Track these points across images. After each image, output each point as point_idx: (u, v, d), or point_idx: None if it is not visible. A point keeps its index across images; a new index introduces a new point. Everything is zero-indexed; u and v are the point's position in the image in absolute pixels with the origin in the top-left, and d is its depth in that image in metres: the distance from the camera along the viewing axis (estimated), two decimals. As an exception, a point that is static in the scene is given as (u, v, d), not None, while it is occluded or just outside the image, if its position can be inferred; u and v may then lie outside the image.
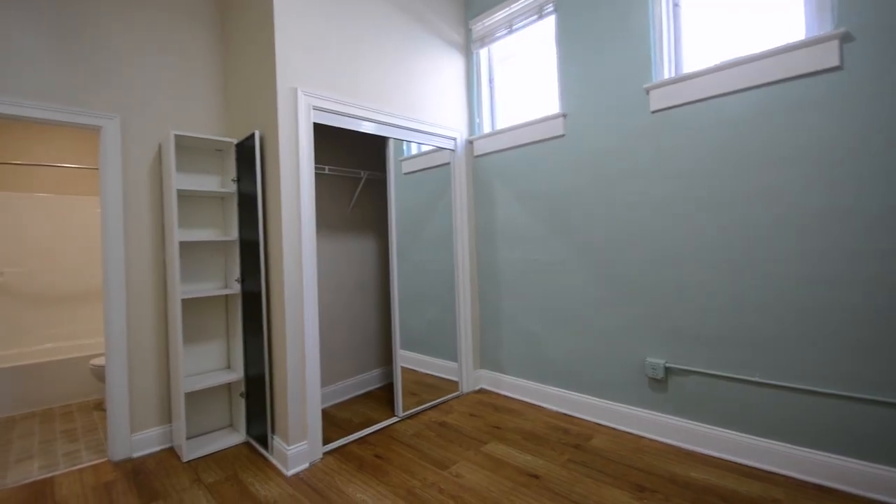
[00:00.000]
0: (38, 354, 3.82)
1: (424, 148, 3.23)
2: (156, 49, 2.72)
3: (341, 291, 3.36)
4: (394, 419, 2.88)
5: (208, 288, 2.84)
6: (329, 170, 2.98)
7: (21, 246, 3.88)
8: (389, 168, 2.93)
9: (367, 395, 3.38)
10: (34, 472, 2.43)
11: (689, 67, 2.45)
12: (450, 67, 3.35)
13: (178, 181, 2.68)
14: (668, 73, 2.46)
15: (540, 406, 3.02)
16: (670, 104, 2.37)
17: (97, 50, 2.53)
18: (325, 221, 3.26)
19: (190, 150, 2.79)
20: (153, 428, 2.65)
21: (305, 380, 2.38)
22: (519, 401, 3.14)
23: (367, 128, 2.77)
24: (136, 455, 2.56)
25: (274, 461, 2.40)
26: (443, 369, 3.33)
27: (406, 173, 3.18)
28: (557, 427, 2.70)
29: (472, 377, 3.39)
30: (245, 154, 2.62)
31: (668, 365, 2.44)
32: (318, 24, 2.53)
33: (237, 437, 2.72)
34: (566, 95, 2.86)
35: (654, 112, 2.45)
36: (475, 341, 3.44)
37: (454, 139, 3.35)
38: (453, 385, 3.31)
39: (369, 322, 3.56)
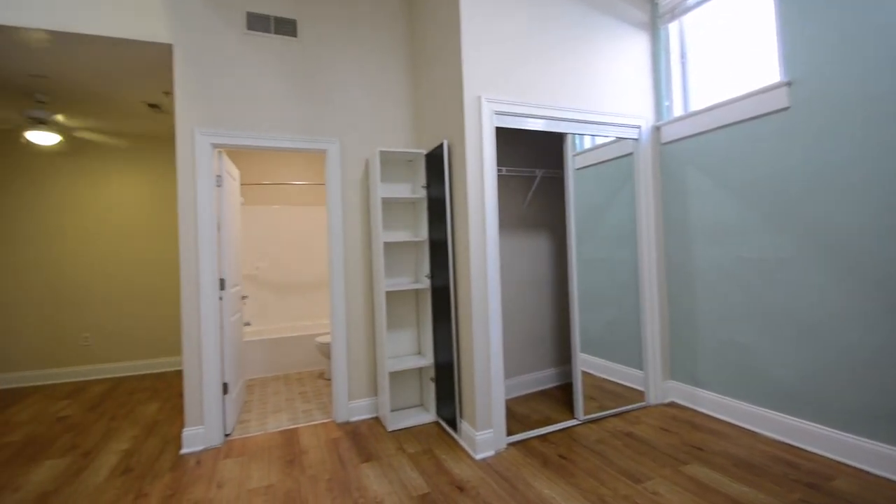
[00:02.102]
0: (278, 331, 4.91)
1: (598, 140, 3.07)
2: (362, 82, 3.21)
3: (516, 288, 3.43)
4: (574, 422, 2.81)
5: (402, 283, 3.23)
6: (506, 171, 3.08)
7: (268, 247, 5.03)
8: (567, 164, 2.86)
9: (542, 394, 3.38)
10: (284, 422, 3.11)
11: None
12: (632, 49, 3.10)
13: (382, 190, 3.11)
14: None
15: (753, 431, 2.56)
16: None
17: (323, 89, 3.11)
18: (501, 220, 3.38)
19: (387, 163, 3.21)
20: (364, 399, 3.13)
21: (491, 370, 2.50)
22: (722, 421, 2.72)
23: (545, 126, 2.76)
24: (352, 419, 3.07)
25: (462, 443, 2.59)
26: (624, 376, 3.11)
27: (579, 168, 3.07)
28: (780, 459, 2.25)
29: (661, 388, 3.08)
30: (433, 162, 2.88)
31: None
32: (497, 34, 2.63)
33: (427, 416, 3.02)
34: (792, 60, 2.35)
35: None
36: (664, 349, 3.11)
37: (637, 127, 3.09)
38: (637, 394, 3.06)
39: (544, 320, 3.55)
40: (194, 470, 2.45)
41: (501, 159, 3.29)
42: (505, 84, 2.63)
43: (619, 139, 3.07)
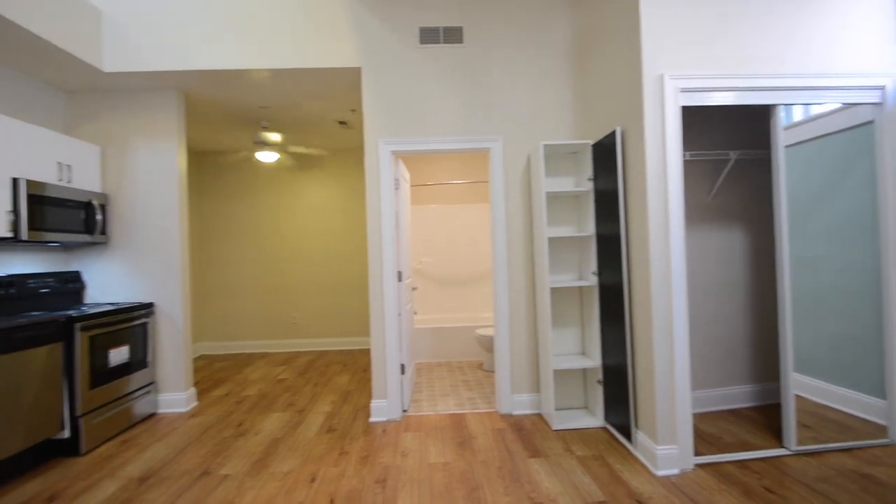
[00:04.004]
0: (440, 321, 5.27)
1: (814, 109, 2.47)
2: (524, 79, 3.20)
3: (700, 291, 3.02)
4: (782, 451, 2.35)
5: (566, 279, 3.14)
6: (689, 155, 2.72)
7: (431, 243, 5.43)
8: (776, 142, 2.39)
9: (734, 413, 2.91)
10: (451, 406, 3.33)
11: None
12: (872, -10, 2.42)
13: (546, 184, 3.06)
14: None
15: None
16: None
17: (486, 90, 3.20)
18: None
19: (549, 157, 3.15)
20: (525, 393, 3.15)
21: (675, 381, 2.25)
22: None
23: (741, 99, 2.35)
24: (514, 413, 3.12)
25: (638, 455, 2.40)
26: (853, 404, 2.47)
27: (788, 146, 2.52)
28: None
29: (915, 425, 2.36)
30: (601, 153, 2.72)
31: None
32: (680, 5, 2.33)
33: (593, 420, 2.88)
34: None
35: None
36: (919, 374, 2.38)
37: (880, 88, 2.41)
38: (874, 428, 2.41)
39: (735, 330, 3.05)
40: (381, 437, 2.79)
41: (684, 143, 2.92)
42: (691, 56, 2.32)
43: (848, 105, 2.44)
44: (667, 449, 2.23)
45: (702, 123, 3.03)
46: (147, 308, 3.31)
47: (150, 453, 2.67)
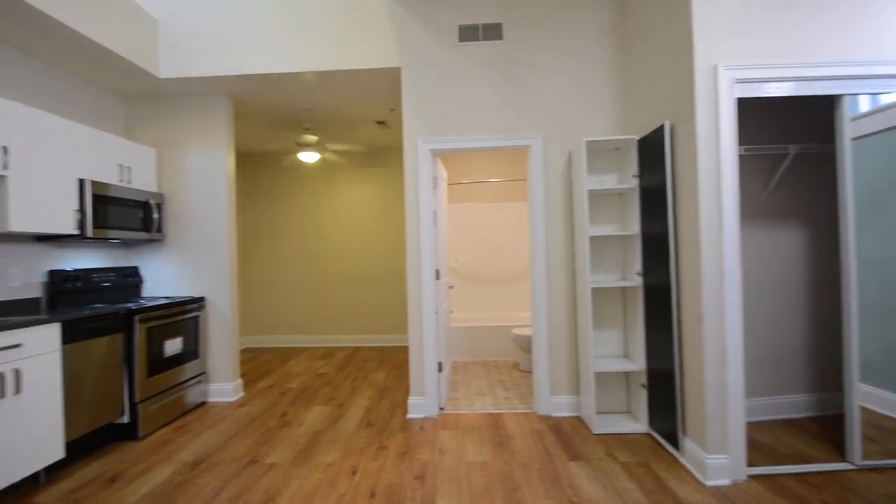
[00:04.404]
0: (475, 320, 5.26)
1: (883, 99, 2.28)
2: (565, 74, 3.13)
3: (754, 292, 2.86)
4: (846, 465, 2.20)
5: (608, 279, 3.05)
6: (744, 150, 2.58)
7: (466, 242, 5.42)
8: (842, 135, 2.23)
9: (789, 423, 2.75)
10: (488, 406, 3.31)
11: None
12: (956, -33, 2.21)
13: (588, 182, 2.99)
14: None
15: None
16: None
17: (526, 86, 3.15)
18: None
19: (591, 153, 3.07)
20: (564, 395, 3.09)
21: (727, 387, 2.14)
22: None
23: (802, 89, 2.21)
24: (553, 414, 3.07)
25: (685, 463, 2.31)
26: (928, 417, 2.27)
27: (855, 138, 2.35)
28: None
29: None
30: (647, 148, 2.62)
31: None
32: (741, -15, 2.21)
33: (637, 425, 2.79)
34: None
35: None
36: None
37: (965, 74, 2.20)
38: (955, 446, 2.21)
39: (792, 334, 2.88)
40: (419, 434, 2.82)
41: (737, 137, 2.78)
42: (747, 44, 2.20)
43: (929, 94, 2.24)
44: (717, 458, 2.13)
45: (755, 115, 2.87)
46: (199, 302, 3.48)
47: (201, 440, 2.81)
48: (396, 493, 2.13)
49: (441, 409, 3.23)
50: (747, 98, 2.22)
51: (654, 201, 2.57)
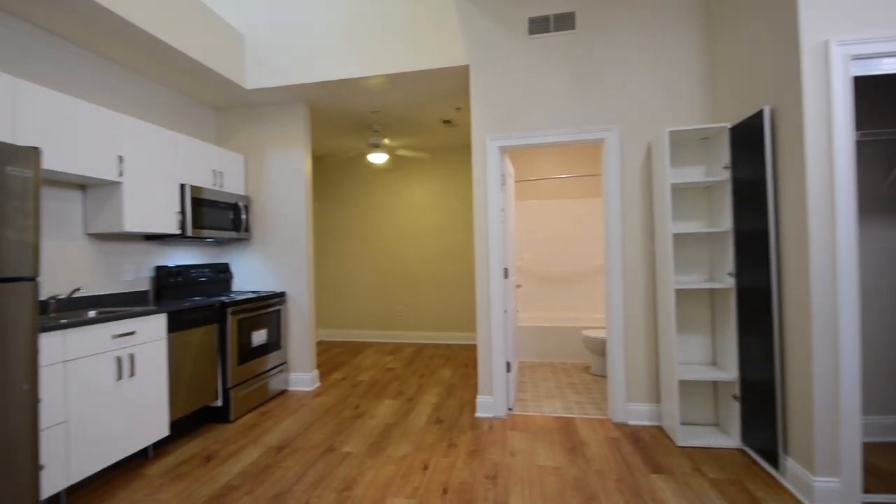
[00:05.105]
0: (542, 320, 5.13)
1: None
2: (643, 62, 2.94)
3: (871, 299, 2.51)
4: None
5: (693, 280, 2.83)
6: (861, 135, 2.26)
7: (532, 240, 5.31)
8: None
9: (918, 448, 2.38)
10: (558, 409, 3.21)
11: None
12: None
13: (671, 175, 2.79)
14: None
15: None
16: None
17: (602, 77, 3.01)
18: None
19: (674, 145, 2.86)
20: (642, 403, 2.91)
21: (840, 403, 1.89)
22: None
23: (948, 61, 1.88)
24: (630, 422, 2.91)
25: (787, 485, 2.08)
26: None
27: None
28: None
29: None
30: (743, 136, 2.39)
31: None
32: (861, -55, 1.93)
33: (726, 439, 2.56)
34: None
35: None
36: None
37: None
38: None
39: (919, 344, 2.49)
40: (488, 434, 2.80)
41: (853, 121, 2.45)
42: (864, 15, 1.92)
43: None
44: (826, 481, 1.89)
45: (879, 95, 2.51)
46: (280, 297, 3.71)
47: (283, 426, 3.00)
48: (468, 491, 2.12)
49: (509, 409, 3.18)
50: (864, 77, 1.94)
51: (751, 195, 2.33)
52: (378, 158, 4.90)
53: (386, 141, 5.01)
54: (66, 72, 2.68)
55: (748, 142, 2.33)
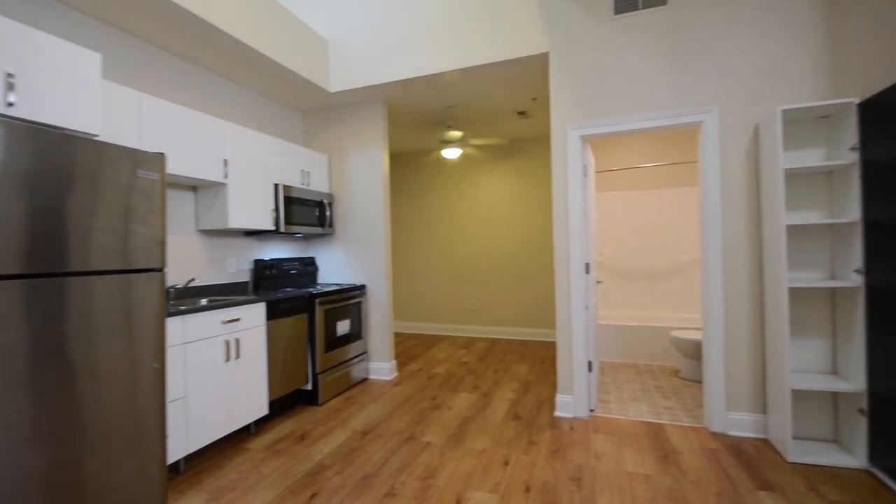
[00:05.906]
0: (624, 318, 4.87)
1: None
2: (747, 34, 2.64)
3: None
4: None
5: (810, 278, 2.51)
6: None
7: (612, 234, 5.04)
8: None
9: None
10: (645, 413, 3.02)
11: None
12: None
13: (784, 160, 2.48)
14: None
15: None
16: None
17: (696, 54, 2.75)
18: None
19: (787, 125, 2.54)
20: (746, 413, 2.65)
21: None
22: None
23: None
24: (730, 433, 2.66)
25: (937, 520, 1.77)
26: None
27: None
28: None
29: None
30: (876, 112, 2.05)
31: None
32: None
33: (849, 458, 2.24)
34: None
35: None
36: None
37: None
38: None
39: None
40: (569, 434, 2.71)
41: None
42: None
43: None
44: None
45: None
46: (361, 289, 3.89)
47: (366, 412, 3.14)
48: (552, 492, 2.07)
49: (591, 410, 3.06)
50: None
51: (886, 180, 2.00)
52: (452, 153, 4.93)
53: (461, 135, 5.02)
54: (177, 84, 3.00)
55: (882, 119, 2.00)
